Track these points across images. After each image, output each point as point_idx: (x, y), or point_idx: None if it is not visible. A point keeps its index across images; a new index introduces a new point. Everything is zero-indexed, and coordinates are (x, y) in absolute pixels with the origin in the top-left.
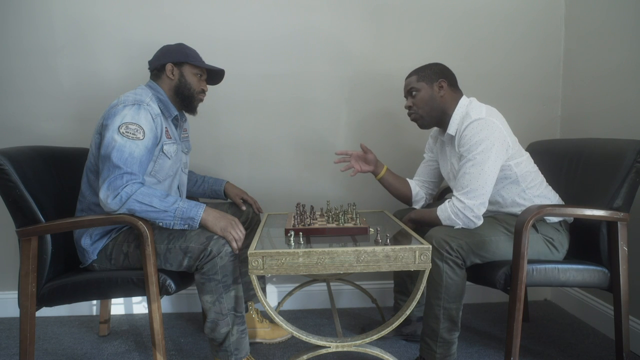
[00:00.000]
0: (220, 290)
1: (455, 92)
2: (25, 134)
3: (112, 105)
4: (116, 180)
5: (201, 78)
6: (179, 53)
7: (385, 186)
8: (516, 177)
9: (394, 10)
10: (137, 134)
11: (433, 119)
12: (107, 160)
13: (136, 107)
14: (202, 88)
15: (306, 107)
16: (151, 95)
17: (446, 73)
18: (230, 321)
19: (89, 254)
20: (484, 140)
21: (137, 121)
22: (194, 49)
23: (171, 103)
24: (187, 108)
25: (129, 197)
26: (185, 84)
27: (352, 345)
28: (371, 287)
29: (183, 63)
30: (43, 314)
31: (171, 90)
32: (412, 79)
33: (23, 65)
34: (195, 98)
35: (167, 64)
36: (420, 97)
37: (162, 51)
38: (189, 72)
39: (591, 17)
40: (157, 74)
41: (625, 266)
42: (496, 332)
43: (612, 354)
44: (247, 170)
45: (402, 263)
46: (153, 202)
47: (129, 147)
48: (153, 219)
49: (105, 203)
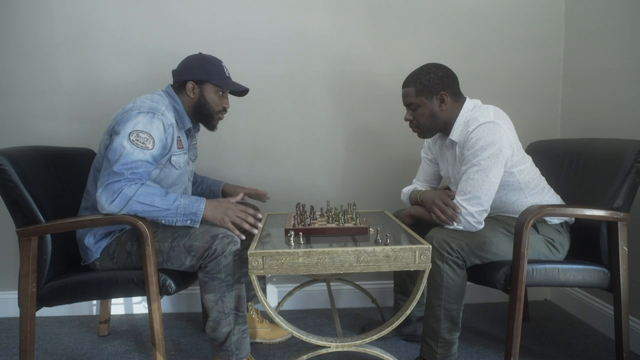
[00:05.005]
0: (223, 289)
1: (457, 100)
2: (25, 134)
3: (126, 109)
4: (114, 184)
5: (223, 95)
6: (201, 70)
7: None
8: (519, 185)
9: (394, 10)
10: (147, 144)
11: (435, 131)
12: (109, 165)
13: (150, 116)
14: (223, 106)
15: (306, 107)
16: (167, 104)
17: (447, 82)
18: (232, 321)
19: (92, 252)
20: (491, 145)
21: (149, 130)
22: (218, 61)
23: (187, 116)
24: (206, 125)
25: (130, 199)
26: (205, 103)
27: (352, 345)
28: (371, 287)
29: (205, 82)
30: (43, 314)
31: (190, 106)
32: (411, 92)
33: (23, 65)
34: (215, 117)
35: (188, 82)
36: (421, 113)
37: (184, 65)
38: (210, 91)
39: (591, 17)
40: (179, 88)
41: (625, 266)
42: (496, 332)
43: (612, 354)
44: (247, 170)
45: (402, 263)
46: (155, 201)
47: (136, 155)
48: (155, 218)
49: (102, 206)
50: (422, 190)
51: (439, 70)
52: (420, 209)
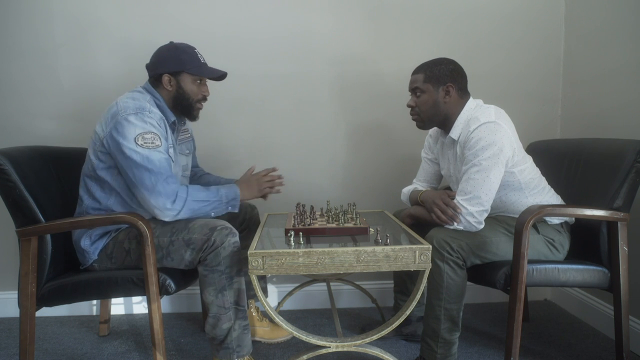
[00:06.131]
0: (224, 282)
1: (462, 96)
2: (25, 134)
3: (112, 112)
4: (165, 186)
5: (201, 83)
6: (174, 61)
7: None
8: (519, 185)
9: (394, 10)
10: (155, 142)
11: (434, 123)
12: (143, 170)
13: (140, 116)
14: (202, 94)
15: (306, 107)
16: (149, 99)
17: (456, 76)
18: (233, 316)
19: (89, 254)
20: (492, 145)
21: (150, 129)
22: (190, 48)
23: (169, 110)
24: (187, 116)
25: (185, 200)
26: (184, 94)
27: (352, 345)
28: (371, 287)
29: (180, 72)
30: (43, 314)
31: (170, 100)
32: (419, 77)
33: (23, 65)
34: (194, 107)
35: (164, 75)
36: (424, 100)
37: (157, 58)
38: (187, 81)
39: (591, 17)
40: (155, 82)
41: (625, 266)
42: (496, 332)
43: (612, 354)
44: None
45: (402, 263)
46: (205, 196)
47: (155, 155)
48: (208, 213)
49: (163, 209)
50: (423, 190)
51: (451, 64)
52: (420, 209)
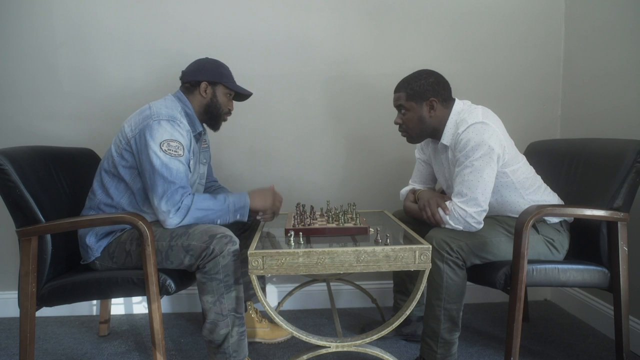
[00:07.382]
0: (222, 290)
1: (447, 106)
2: (25, 134)
3: (144, 115)
4: (173, 195)
5: (230, 98)
6: (215, 73)
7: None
8: (514, 185)
9: (394, 11)
10: (179, 151)
11: (423, 137)
12: (159, 177)
13: (171, 123)
14: (229, 108)
15: (306, 107)
16: (180, 110)
17: (438, 88)
18: (230, 322)
19: (92, 251)
20: (481, 145)
21: (177, 138)
22: (227, 67)
23: (197, 119)
24: (212, 126)
25: (189, 208)
26: (216, 104)
27: (352, 345)
28: (371, 287)
29: (217, 83)
30: (43, 314)
31: (201, 107)
32: (402, 96)
33: (23, 65)
34: (222, 118)
35: (203, 82)
36: (410, 118)
37: (197, 66)
38: (221, 93)
39: (591, 17)
40: (190, 89)
41: (625, 266)
42: (496, 332)
43: (612, 354)
44: (247, 169)
45: (402, 263)
46: (210, 205)
47: (174, 163)
48: (212, 220)
49: (166, 217)
50: (420, 190)
51: (430, 76)
52: (414, 205)
